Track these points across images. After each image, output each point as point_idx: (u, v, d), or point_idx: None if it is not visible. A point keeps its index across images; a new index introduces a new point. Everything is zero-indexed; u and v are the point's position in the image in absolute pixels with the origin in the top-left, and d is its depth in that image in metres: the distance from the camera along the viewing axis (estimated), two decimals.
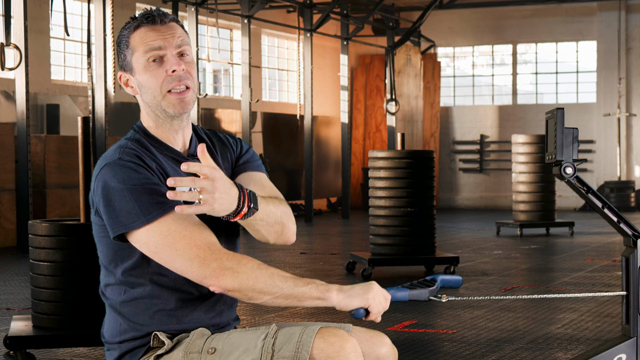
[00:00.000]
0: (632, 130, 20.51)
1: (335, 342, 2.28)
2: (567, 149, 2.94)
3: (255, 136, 17.81)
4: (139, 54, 2.44)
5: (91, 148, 5.04)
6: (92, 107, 11.17)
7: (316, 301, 2.38)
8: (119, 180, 2.32)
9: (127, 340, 2.42)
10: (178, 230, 2.30)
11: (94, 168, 2.43)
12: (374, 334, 2.55)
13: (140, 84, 2.47)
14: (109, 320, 2.46)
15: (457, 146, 21.78)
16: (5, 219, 11.42)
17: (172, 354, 2.37)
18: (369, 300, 2.40)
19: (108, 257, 2.43)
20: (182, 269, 2.31)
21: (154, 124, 2.49)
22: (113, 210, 2.31)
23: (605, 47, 20.56)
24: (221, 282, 2.29)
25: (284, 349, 2.28)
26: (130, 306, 2.41)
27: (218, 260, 2.29)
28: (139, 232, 2.30)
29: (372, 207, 8.65)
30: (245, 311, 6.54)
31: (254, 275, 2.31)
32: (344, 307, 2.38)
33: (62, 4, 10.66)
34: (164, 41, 2.43)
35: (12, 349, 4.73)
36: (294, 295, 2.36)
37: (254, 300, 2.34)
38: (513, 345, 5.27)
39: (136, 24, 2.46)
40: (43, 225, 4.79)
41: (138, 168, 2.35)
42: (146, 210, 2.29)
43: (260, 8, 15.30)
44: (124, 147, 2.40)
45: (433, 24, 21.04)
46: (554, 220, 13.12)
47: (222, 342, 2.35)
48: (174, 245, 2.29)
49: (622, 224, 2.97)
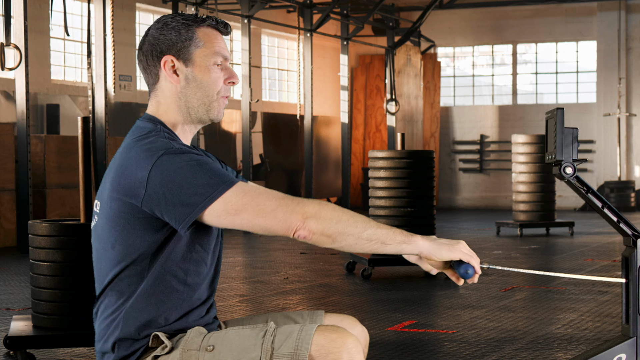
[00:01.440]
0: (632, 130, 20.51)
1: (336, 338, 2.27)
2: (567, 149, 2.94)
3: (255, 136, 17.81)
4: (209, 51, 2.45)
5: (91, 148, 5.05)
6: (92, 107, 11.17)
7: (401, 245, 2.33)
8: (185, 162, 2.29)
9: (124, 343, 2.38)
10: (252, 189, 2.31)
11: (133, 164, 2.33)
12: (344, 317, 2.58)
13: (193, 79, 2.44)
14: (106, 323, 2.41)
15: (457, 146, 21.78)
16: (5, 219, 11.42)
17: (171, 354, 2.35)
18: (466, 255, 2.37)
19: (138, 251, 2.36)
20: (266, 223, 2.29)
21: (182, 120, 2.47)
22: (186, 191, 2.27)
23: (605, 47, 20.56)
24: (307, 225, 2.27)
25: (284, 347, 2.27)
26: (140, 304, 2.37)
27: (300, 205, 2.29)
28: (217, 202, 2.28)
29: (372, 207, 8.65)
30: (245, 311, 6.54)
31: (337, 215, 2.30)
32: (432, 254, 2.35)
33: (62, 4, 10.66)
34: (228, 52, 2.51)
35: (12, 349, 4.73)
36: (378, 237, 2.31)
37: (338, 242, 2.31)
38: (513, 345, 5.27)
39: (208, 22, 2.47)
40: (43, 225, 4.79)
41: (190, 149, 2.37)
42: (221, 179, 2.29)
43: (260, 8, 15.30)
44: (165, 138, 2.38)
45: (433, 24, 21.04)
46: (554, 220, 13.12)
47: (220, 339, 2.34)
48: (254, 201, 2.28)
49: (622, 223, 2.97)
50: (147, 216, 2.33)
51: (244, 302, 6.98)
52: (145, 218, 2.33)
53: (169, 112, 2.46)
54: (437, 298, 7.29)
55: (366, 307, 6.77)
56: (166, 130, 2.43)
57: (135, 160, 2.32)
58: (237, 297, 7.26)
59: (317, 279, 8.43)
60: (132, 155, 2.34)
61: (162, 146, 2.33)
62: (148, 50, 2.46)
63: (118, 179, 2.35)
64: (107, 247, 2.40)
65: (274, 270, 9.01)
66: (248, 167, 14.84)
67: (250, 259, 10.34)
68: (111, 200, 2.37)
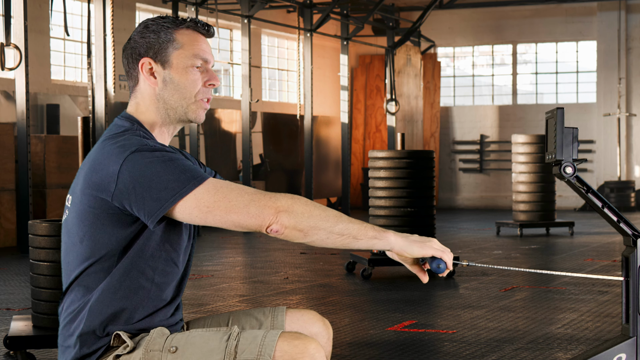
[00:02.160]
0: (632, 130, 20.51)
1: (299, 344, 2.29)
2: (567, 149, 2.94)
3: (255, 136, 17.81)
4: (187, 53, 2.45)
5: (91, 148, 5.05)
6: (92, 107, 11.17)
7: (372, 241, 2.34)
8: (157, 157, 2.30)
9: (88, 339, 2.38)
10: (224, 185, 2.31)
11: (105, 160, 2.34)
12: (304, 312, 2.60)
13: (170, 80, 2.45)
14: (70, 317, 2.41)
15: (457, 146, 21.78)
16: (5, 219, 11.42)
17: (132, 354, 2.35)
18: (438, 251, 2.37)
19: (106, 246, 2.36)
20: (239, 219, 2.29)
21: (160, 121, 2.48)
22: (157, 185, 2.28)
23: (605, 47, 20.56)
24: (279, 219, 2.27)
25: (247, 351, 2.29)
26: (104, 300, 2.37)
27: (272, 199, 2.29)
28: (188, 197, 2.28)
29: (372, 207, 8.65)
30: None
31: (309, 210, 2.30)
32: (402, 250, 2.35)
33: (62, 4, 10.66)
34: (209, 55, 2.49)
35: (12, 349, 4.74)
36: (350, 231, 2.32)
37: (310, 237, 2.31)
38: (513, 345, 5.27)
39: (187, 24, 2.47)
40: (43, 225, 4.79)
41: (164, 147, 2.37)
42: (192, 175, 2.30)
43: (260, 8, 15.30)
44: (140, 136, 2.38)
45: (433, 24, 21.04)
46: (554, 220, 13.12)
47: (183, 341, 2.34)
48: (226, 197, 2.29)
49: (622, 223, 2.97)
50: (117, 212, 2.33)
51: (244, 302, 6.98)
52: (115, 214, 2.34)
53: (147, 113, 2.47)
54: (437, 298, 7.29)
55: (366, 307, 6.77)
56: (143, 130, 2.44)
57: (108, 156, 2.34)
58: (237, 297, 7.26)
59: (317, 279, 8.43)
60: (105, 151, 2.36)
61: (135, 143, 2.34)
62: (129, 53, 2.48)
63: (90, 175, 2.36)
64: (76, 242, 2.41)
65: (274, 270, 9.01)
66: (248, 167, 14.84)
67: (250, 259, 10.34)
68: (83, 195, 2.38)
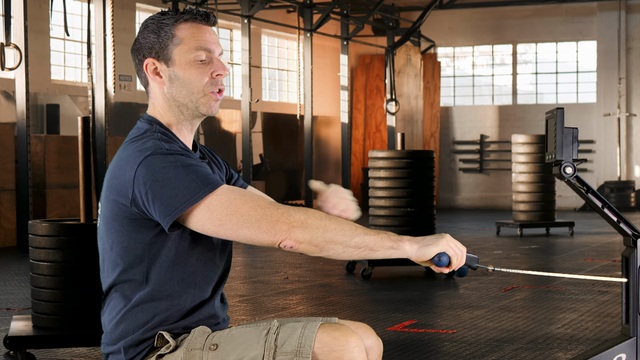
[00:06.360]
0: (632, 130, 20.51)
1: (340, 337, 2.26)
2: (567, 149, 2.94)
3: (255, 136, 17.81)
4: (188, 48, 2.41)
5: (91, 148, 5.04)
6: (92, 107, 11.17)
7: (389, 251, 2.31)
8: (170, 162, 2.27)
9: (132, 344, 2.38)
10: (238, 197, 2.26)
11: (123, 164, 2.32)
12: (359, 325, 2.54)
13: (176, 77, 2.42)
14: (114, 324, 2.41)
15: (457, 146, 21.78)
16: (5, 219, 11.42)
17: (174, 353, 2.36)
18: (445, 247, 2.34)
19: (134, 253, 2.35)
20: (251, 234, 2.26)
21: (175, 120, 2.45)
22: (167, 191, 2.25)
23: (605, 47, 20.56)
24: (293, 235, 2.24)
25: (287, 344, 2.26)
26: (144, 307, 2.37)
27: (285, 215, 2.25)
28: (200, 207, 2.25)
29: (372, 207, 8.65)
30: (246, 311, 6.54)
31: (324, 224, 2.25)
32: (420, 256, 2.33)
33: (62, 4, 10.66)
34: (213, 44, 2.43)
35: (12, 349, 4.73)
36: (366, 243, 2.28)
37: (326, 251, 2.27)
38: (513, 345, 5.27)
39: (185, 17, 2.42)
40: (43, 225, 4.79)
41: (184, 152, 2.33)
42: (203, 182, 2.26)
43: (260, 8, 15.30)
44: (159, 139, 2.36)
45: (433, 24, 21.04)
46: (554, 220, 13.12)
47: (223, 338, 2.34)
48: (239, 211, 2.25)
49: (622, 223, 2.97)
50: (138, 217, 2.33)
51: (244, 302, 6.98)
52: (137, 219, 2.33)
53: (163, 113, 2.46)
54: (437, 298, 7.29)
55: (366, 307, 6.77)
56: (162, 130, 2.42)
57: (126, 160, 2.33)
58: (237, 297, 7.26)
59: (317, 279, 8.43)
60: (124, 155, 2.35)
61: (151, 147, 2.32)
62: (135, 55, 2.47)
63: (111, 180, 2.36)
64: (107, 249, 2.42)
65: (274, 270, 9.01)
66: (248, 167, 14.84)
67: (250, 259, 10.34)
68: (107, 201, 2.38)
